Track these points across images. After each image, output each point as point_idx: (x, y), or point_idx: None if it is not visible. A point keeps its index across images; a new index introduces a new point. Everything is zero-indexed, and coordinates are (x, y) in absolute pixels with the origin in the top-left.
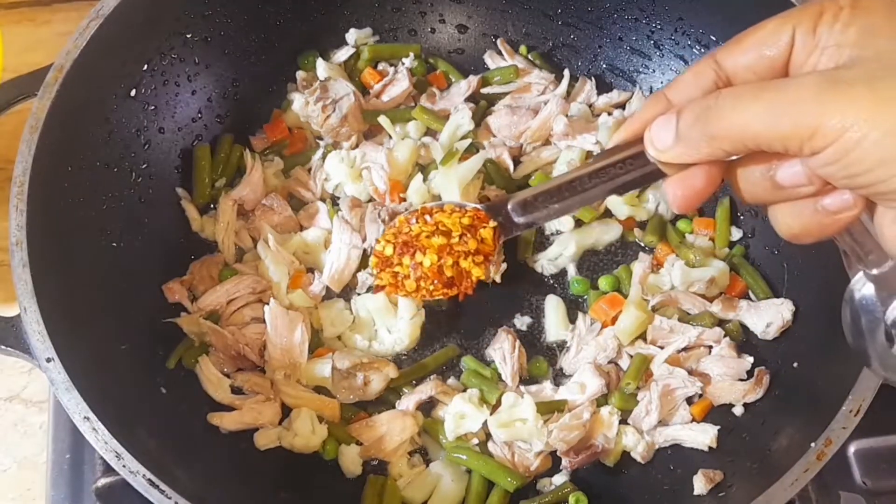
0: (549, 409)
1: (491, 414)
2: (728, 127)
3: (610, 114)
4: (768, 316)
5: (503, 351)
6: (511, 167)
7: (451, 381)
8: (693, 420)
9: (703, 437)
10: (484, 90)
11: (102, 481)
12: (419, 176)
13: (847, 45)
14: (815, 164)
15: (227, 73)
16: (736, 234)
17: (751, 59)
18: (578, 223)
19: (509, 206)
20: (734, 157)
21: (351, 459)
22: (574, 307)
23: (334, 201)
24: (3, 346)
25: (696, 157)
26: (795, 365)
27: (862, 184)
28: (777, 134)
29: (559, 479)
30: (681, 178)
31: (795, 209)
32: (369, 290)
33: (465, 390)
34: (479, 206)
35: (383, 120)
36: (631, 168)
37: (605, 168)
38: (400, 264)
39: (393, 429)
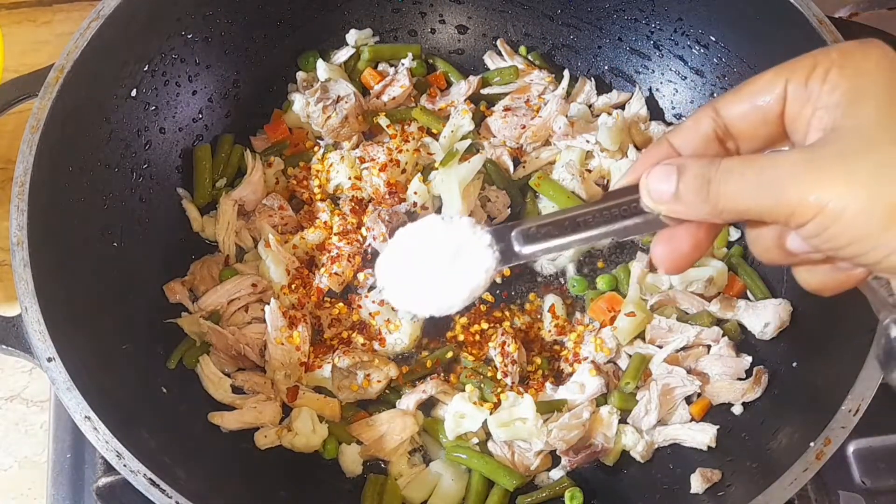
0: (548, 409)
1: (491, 413)
2: (724, 198)
3: (610, 114)
4: (766, 316)
5: (503, 350)
6: (511, 168)
7: (451, 380)
8: (692, 419)
9: (702, 436)
10: (484, 91)
11: (103, 480)
12: (419, 176)
13: (833, 108)
14: (803, 235)
15: (227, 74)
16: (734, 233)
17: (745, 109)
18: None
19: (513, 235)
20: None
21: (351, 459)
22: (573, 307)
23: (334, 201)
24: (4, 346)
25: (694, 217)
26: (794, 364)
27: (846, 255)
28: (763, 209)
29: (556, 473)
30: (668, 239)
31: (813, 267)
32: (371, 289)
33: (464, 389)
34: (487, 228)
35: (383, 120)
36: (632, 213)
37: (609, 209)
38: None
39: (393, 428)
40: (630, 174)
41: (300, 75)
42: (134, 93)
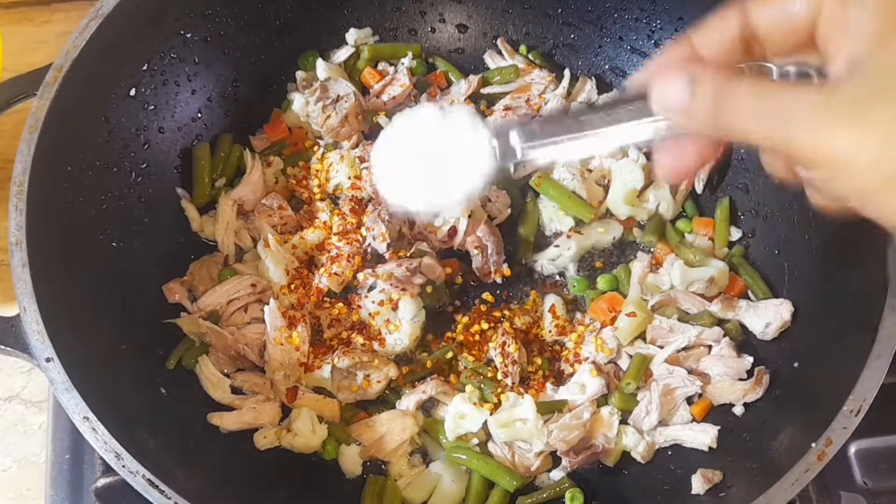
0: (549, 409)
1: (491, 414)
2: (735, 124)
3: None
4: (767, 316)
5: (503, 351)
6: (511, 167)
7: (452, 380)
8: (693, 420)
9: (703, 437)
10: (484, 90)
11: (102, 481)
12: None
13: (864, 38)
14: (811, 176)
15: (226, 73)
16: (735, 234)
17: (776, 15)
18: (579, 223)
19: (513, 132)
20: None
21: (351, 459)
22: (574, 307)
23: (334, 201)
24: (2, 346)
25: (702, 132)
26: (796, 365)
27: (851, 204)
28: (775, 144)
29: (557, 474)
30: (672, 147)
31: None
32: (371, 290)
33: (465, 390)
34: (488, 123)
35: (383, 120)
36: (638, 117)
37: (615, 110)
38: None
39: (393, 429)
40: (645, 72)
41: (300, 74)
42: (133, 92)
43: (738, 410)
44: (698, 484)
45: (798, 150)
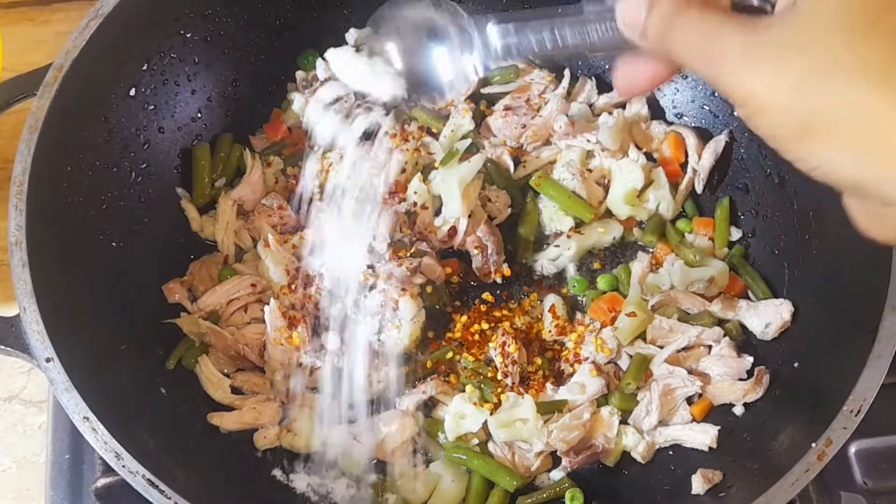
0: (549, 409)
1: (491, 414)
2: (676, 50)
3: (610, 113)
4: (767, 316)
5: (503, 351)
6: (511, 167)
7: (451, 380)
8: (693, 420)
9: (703, 437)
10: (484, 90)
11: (102, 481)
12: (419, 175)
13: None
14: (738, 113)
15: (226, 73)
16: (735, 234)
17: None
18: (579, 223)
19: (493, 26)
20: None
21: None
22: (574, 307)
23: None
24: (2, 346)
25: (654, 53)
26: (796, 365)
27: (777, 149)
28: (704, 77)
29: (557, 474)
30: (631, 62)
31: None
32: (371, 289)
33: (465, 390)
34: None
35: None
36: (608, 25)
37: (586, 16)
38: None
39: (393, 429)
40: None
41: (299, 74)
42: (133, 92)
43: (738, 410)
44: (698, 484)
45: (722, 87)
